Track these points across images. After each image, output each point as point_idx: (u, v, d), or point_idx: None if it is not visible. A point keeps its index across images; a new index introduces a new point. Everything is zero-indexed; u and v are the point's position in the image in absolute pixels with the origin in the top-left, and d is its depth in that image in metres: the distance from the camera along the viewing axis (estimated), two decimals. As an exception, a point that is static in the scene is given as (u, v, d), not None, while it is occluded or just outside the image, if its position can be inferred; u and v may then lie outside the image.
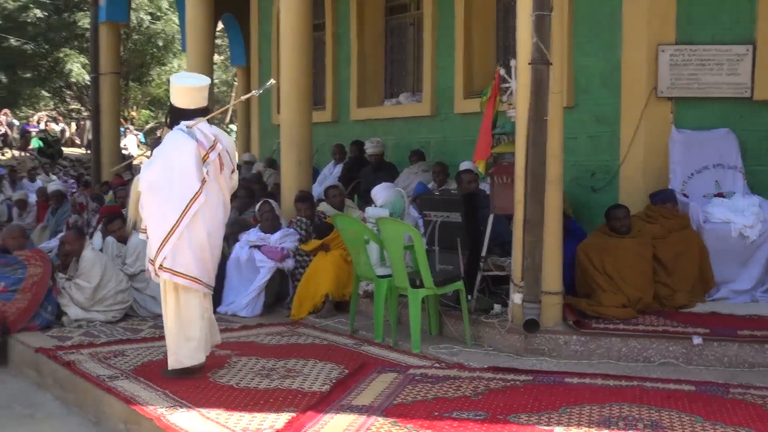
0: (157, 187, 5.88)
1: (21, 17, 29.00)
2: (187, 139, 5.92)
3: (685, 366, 6.31)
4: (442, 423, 4.91)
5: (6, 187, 20.36)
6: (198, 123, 5.99)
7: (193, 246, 5.90)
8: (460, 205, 7.45)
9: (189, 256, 5.89)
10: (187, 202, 5.82)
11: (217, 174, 6.02)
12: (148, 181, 5.92)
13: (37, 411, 6.14)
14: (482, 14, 10.77)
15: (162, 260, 5.85)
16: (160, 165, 5.93)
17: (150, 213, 5.95)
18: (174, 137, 6.01)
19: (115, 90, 16.33)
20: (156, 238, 5.88)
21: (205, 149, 5.92)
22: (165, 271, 5.87)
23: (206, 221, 5.96)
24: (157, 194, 5.89)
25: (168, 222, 5.82)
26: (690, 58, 8.20)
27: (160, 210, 5.87)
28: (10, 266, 7.84)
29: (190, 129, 5.95)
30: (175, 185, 5.85)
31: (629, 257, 7.16)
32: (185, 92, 6.11)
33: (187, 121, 5.99)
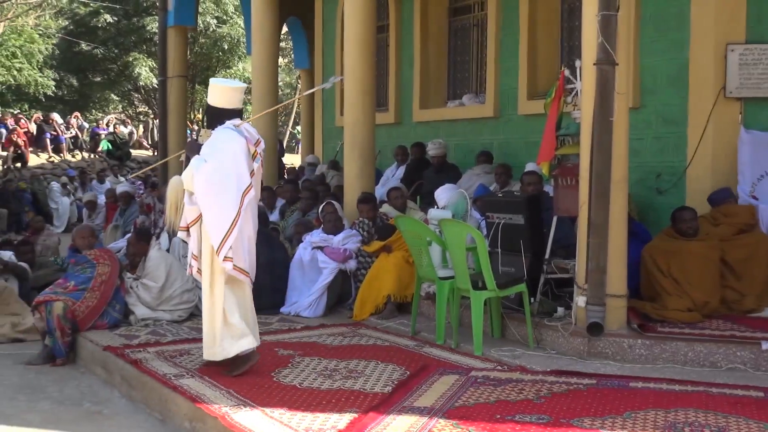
0: (213, 183, 5.99)
1: (92, 22, 29.58)
2: (237, 136, 6.13)
3: (753, 372, 6.19)
4: (504, 426, 4.89)
5: (76, 189, 20.83)
6: (243, 123, 6.27)
7: (244, 239, 6.06)
8: (522, 206, 7.41)
9: (241, 249, 6.03)
10: (241, 196, 6.00)
11: (259, 170, 6.28)
12: (204, 177, 6.00)
13: (105, 408, 6.26)
14: (547, 15, 10.70)
15: (227, 252, 5.94)
16: (216, 161, 6.03)
17: (208, 208, 6.01)
18: (224, 135, 6.16)
19: (182, 93, 16.56)
20: (217, 233, 5.95)
21: (253, 145, 6.17)
22: (228, 261, 5.97)
23: (253, 215, 6.17)
24: (214, 189, 5.99)
25: (229, 216, 5.94)
26: (760, 57, 8.04)
27: (219, 204, 5.98)
28: (80, 265, 8.00)
29: (238, 127, 6.19)
30: (231, 180, 6.01)
31: (696, 260, 7.04)
32: (229, 92, 6.31)
33: (234, 120, 6.23)
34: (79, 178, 21.62)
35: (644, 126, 8.77)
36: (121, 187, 14.76)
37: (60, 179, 21.34)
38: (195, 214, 6.07)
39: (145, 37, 29.67)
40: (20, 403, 6.30)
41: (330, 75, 14.78)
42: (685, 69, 8.41)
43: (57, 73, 30.01)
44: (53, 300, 7.52)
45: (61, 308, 7.48)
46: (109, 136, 26.20)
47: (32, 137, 24.37)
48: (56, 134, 24.85)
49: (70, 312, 7.53)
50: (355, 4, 9.74)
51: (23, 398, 6.44)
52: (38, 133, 24.63)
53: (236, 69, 32.35)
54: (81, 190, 20.56)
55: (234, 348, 6.06)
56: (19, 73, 26.71)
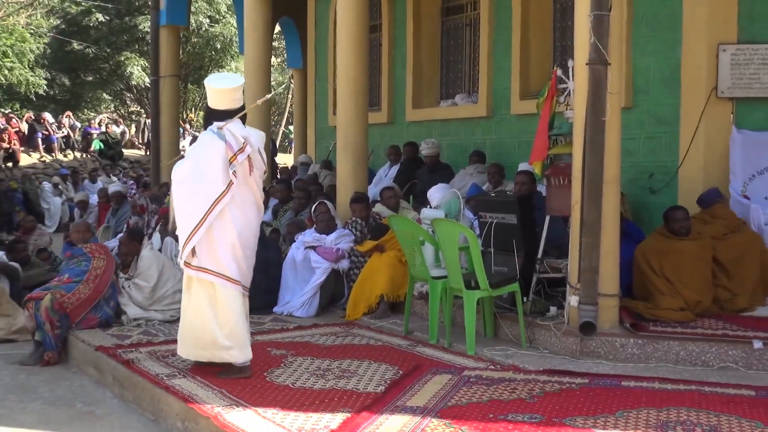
0: (184, 185, 5.99)
1: (83, 21, 29.54)
2: (216, 140, 5.99)
3: (745, 371, 6.20)
4: (496, 425, 4.89)
5: (68, 189, 20.77)
6: (227, 124, 6.02)
7: (224, 245, 5.96)
8: (515, 206, 7.42)
9: (219, 255, 5.95)
10: (212, 202, 5.88)
11: (246, 175, 6.04)
12: (177, 178, 6.05)
13: (97, 408, 6.24)
14: (539, 15, 10.71)
15: (186, 256, 5.96)
16: (190, 164, 6.04)
17: (177, 210, 6.08)
18: (205, 138, 6.11)
19: (175, 92, 16.55)
20: (182, 236, 5.99)
21: (233, 151, 5.94)
22: (191, 268, 5.97)
23: (236, 221, 6.00)
24: (184, 192, 5.99)
25: (193, 219, 5.90)
26: (752, 57, 8.06)
27: (186, 207, 5.98)
28: (76, 258, 8.01)
29: (220, 130, 6.02)
30: (202, 184, 5.93)
31: (688, 260, 7.06)
32: (218, 94, 6.14)
33: (219, 122, 6.07)
34: (71, 178, 21.56)
35: (637, 126, 8.79)
36: (113, 186, 14.74)
37: (52, 179, 21.28)
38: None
39: (137, 37, 29.62)
40: (12, 404, 6.28)
41: (323, 74, 14.81)
42: (678, 69, 8.42)
43: (49, 72, 29.93)
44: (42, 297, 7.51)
45: (49, 300, 7.48)
46: (101, 136, 26.14)
47: (24, 137, 24.30)
48: (48, 134, 24.78)
49: (58, 303, 7.52)
50: (347, 4, 9.73)
51: (15, 399, 6.42)
52: (30, 132, 24.56)
53: (229, 68, 32.30)
54: (73, 190, 20.50)
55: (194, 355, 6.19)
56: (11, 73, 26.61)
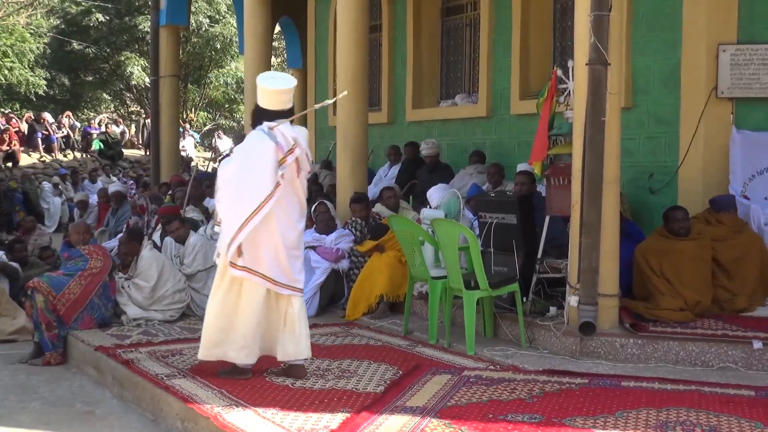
0: (232, 185, 5.90)
1: (83, 21, 29.54)
2: (267, 140, 5.87)
3: (744, 371, 6.20)
4: (496, 425, 4.89)
5: (68, 188, 20.77)
6: (279, 125, 5.92)
7: (268, 247, 5.88)
8: (515, 206, 7.42)
9: (262, 255, 5.87)
10: (259, 203, 5.78)
11: (293, 177, 5.95)
12: (223, 177, 5.96)
13: (97, 408, 6.25)
14: (539, 15, 10.71)
15: (231, 256, 5.84)
16: (238, 163, 5.94)
17: (222, 209, 6.00)
18: (254, 137, 5.96)
19: (175, 92, 16.54)
20: (227, 234, 5.88)
21: (284, 152, 5.85)
22: (236, 268, 5.86)
23: (280, 223, 5.90)
24: (231, 191, 5.91)
25: (239, 219, 5.80)
26: (751, 57, 8.06)
27: (233, 207, 5.88)
28: (73, 259, 8.00)
29: (271, 131, 5.90)
30: (249, 184, 5.83)
31: (688, 260, 7.06)
32: (271, 94, 6.02)
33: (270, 122, 5.94)
34: (70, 178, 21.56)
35: (636, 126, 8.79)
36: (113, 186, 14.73)
37: (52, 179, 21.29)
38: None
39: (137, 37, 29.63)
40: (12, 404, 6.29)
41: (323, 74, 14.81)
42: (677, 69, 8.42)
43: (48, 72, 29.94)
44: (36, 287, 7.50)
45: (42, 301, 7.49)
46: (101, 136, 26.14)
47: (24, 137, 24.30)
48: (48, 134, 24.78)
49: (51, 304, 7.52)
50: (347, 4, 9.73)
51: (14, 398, 6.43)
52: (30, 132, 24.56)
53: (229, 68, 32.34)
54: (73, 190, 20.49)
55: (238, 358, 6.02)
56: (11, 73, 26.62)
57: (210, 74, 32.55)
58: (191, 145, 28.88)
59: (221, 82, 32.90)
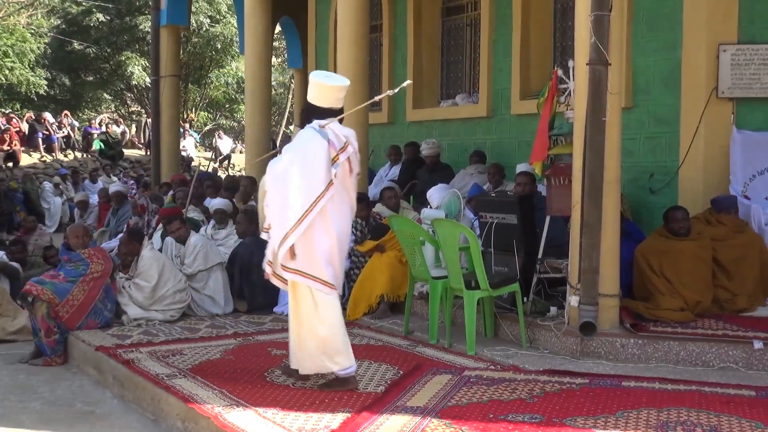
0: (282, 184, 5.65)
1: (84, 21, 29.55)
2: (319, 138, 5.66)
3: (745, 371, 6.20)
4: (497, 425, 4.89)
5: (68, 188, 20.78)
6: (331, 122, 5.75)
7: (322, 248, 5.66)
8: (515, 206, 7.42)
9: (317, 257, 5.65)
10: (311, 202, 5.55)
11: (345, 176, 5.76)
12: (274, 176, 5.72)
13: (97, 408, 6.25)
14: (539, 15, 10.71)
15: (283, 259, 5.62)
16: (288, 161, 5.69)
17: (272, 210, 5.73)
18: (306, 135, 5.74)
19: (175, 92, 16.54)
20: (277, 235, 5.64)
21: (336, 150, 5.66)
22: (289, 271, 5.66)
23: (334, 222, 5.70)
24: (281, 191, 5.65)
25: (290, 220, 5.56)
26: (752, 57, 8.06)
27: (282, 207, 5.64)
28: (74, 263, 7.98)
29: (323, 128, 5.71)
30: (301, 183, 5.59)
31: (688, 260, 7.06)
32: (328, 90, 5.83)
33: (320, 120, 5.75)
34: (71, 178, 21.56)
35: (637, 126, 8.79)
36: (113, 186, 14.72)
37: (52, 179, 21.29)
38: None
39: (137, 36, 29.64)
40: (12, 404, 6.29)
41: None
42: (678, 69, 8.42)
43: (49, 72, 29.95)
44: (38, 296, 7.49)
45: (45, 309, 7.48)
46: (102, 136, 26.14)
47: (24, 137, 24.29)
48: (48, 134, 24.78)
49: (54, 312, 7.51)
50: (348, 4, 9.73)
51: (15, 399, 6.43)
52: (30, 132, 24.55)
53: (229, 68, 32.34)
54: (73, 190, 20.49)
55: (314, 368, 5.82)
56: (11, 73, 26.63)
57: (210, 74, 32.57)
58: (192, 145, 28.87)
59: (222, 82, 32.92)
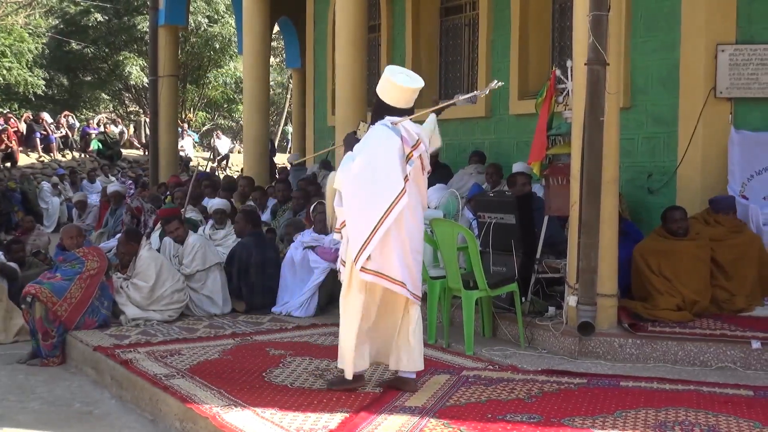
0: (359, 183, 5.46)
1: (82, 21, 29.52)
2: (393, 135, 5.52)
3: (743, 371, 6.21)
4: (495, 425, 4.89)
5: (67, 188, 20.77)
6: (404, 120, 5.61)
7: (398, 249, 5.48)
8: (514, 206, 7.42)
9: (394, 258, 5.47)
10: (391, 201, 5.38)
11: (418, 174, 5.62)
12: (350, 176, 5.49)
13: (96, 408, 6.24)
14: (538, 15, 10.71)
15: (365, 261, 5.42)
16: (364, 160, 5.49)
17: (351, 211, 5.53)
18: (379, 132, 5.58)
19: (173, 92, 16.55)
20: (357, 238, 5.45)
21: (410, 147, 5.52)
22: (368, 272, 5.44)
23: (408, 223, 5.53)
24: (359, 191, 5.47)
25: (371, 221, 5.39)
26: (750, 57, 8.06)
27: (362, 208, 5.46)
28: (69, 263, 7.97)
29: (395, 125, 5.57)
30: (379, 182, 5.43)
31: (686, 260, 7.06)
32: (403, 91, 5.65)
33: (393, 117, 5.61)
34: (69, 178, 21.55)
35: (635, 126, 8.79)
36: (111, 186, 14.71)
37: (50, 179, 21.28)
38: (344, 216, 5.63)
39: (135, 36, 29.62)
40: (10, 404, 6.28)
41: (322, 74, 14.78)
42: (676, 69, 8.42)
43: (47, 72, 29.93)
44: (36, 295, 7.49)
45: (43, 310, 7.47)
46: (100, 136, 26.11)
47: (22, 137, 24.26)
48: (46, 134, 24.75)
49: (53, 313, 7.50)
50: (346, 4, 9.73)
51: (13, 399, 6.42)
52: (28, 132, 24.51)
53: (228, 68, 32.32)
54: (71, 190, 20.48)
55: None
56: (9, 73, 26.61)
57: (209, 74, 32.54)
58: (190, 145, 28.85)
59: (220, 82, 32.89)
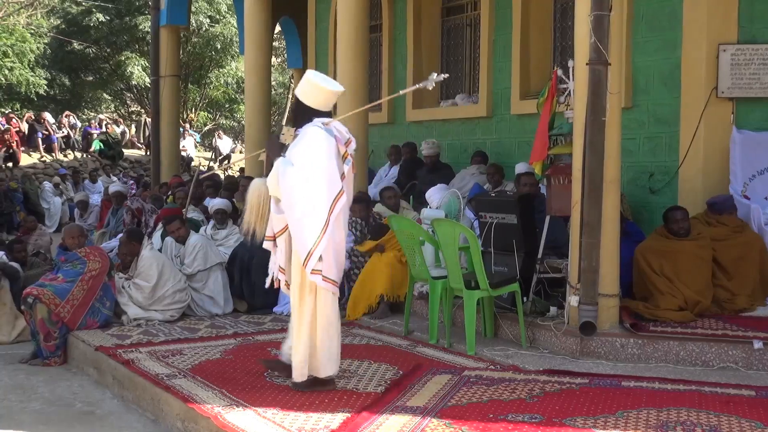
0: (301, 188, 5.43)
1: (84, 21, 29.51)
2: (328, 136, 5.56)
3: (745, 371, 6.21)
4: (496, 425, 4.89)
5: (68, 188, 20.78)
6: (333, 122, 5.70)
7: (335, 248, 5.58)
8: (515, 206, 7.42)
9: (331, 259, 5.55)
10: (332, 201, 5.46)
11: (350, 172, 5.71)
12: (292, 180, 5.44)
13: (97, 408, 6.25)
14: (539, 15, 10.71)
15: (315, 263, 5.44)
16: (305, 162, 5.47)
17: (295, 216, 5.48)
18: (314, 134, 5.55)
19: (175, 92, 16.54)
20: (304, 243, 5.44)
21: (344, 146, 5.61)
22: (317, 274, 5.48)
23: (342, 222, 5.66)
24: (302, 194, 5.43)
25: (318, 224, 5.41)
26: (752, 57, 8.06)
27: (307, 211, 5.43)
28: (71, 263, 7.98)
29: (327, 126, 5.62)
30: (320, 183, 5.45)
31: (688, 260, 7.06)
32: (328, 95, 5.73)
33: (319, 119, 5.64)
34: (71, 178, 21.56)
35: (637, 126, 8.79)
36: (113, 186, 14.71)
37: (52, 179, 21.29)
38: (283, 223, 5.58)
39: (137, 37, 29.60)
40: (12, 404, 6.30)
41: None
42: (678, 69, 8.42)
43: (49, 72, 29.89)
44: (38, 297, 7.49)
45: (45, 312, 7.48)
46: (102, 136, 26.13)
47: (24, 137, 24.28)
48: (48, 134, 24.77)
49: (55, 315, 7.51)
50: (348, 4, 9.72)
51: (15, 399, 6.43)
52: (30, 132, 24.53)
53: (229, 68, 32.31)
54: (73, 190, 20.49)
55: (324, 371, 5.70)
56: (11, 73, 26.59)
57: (210, 74, 32.52)
58: (191, 145, 28.87)
59: (221, 82, 32.89)
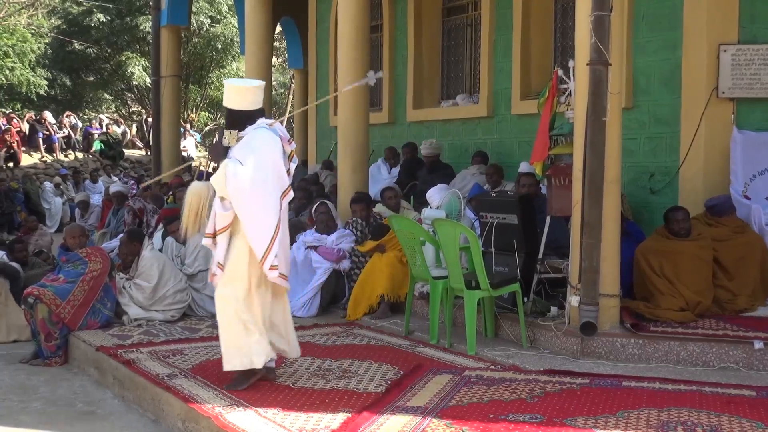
0: (254, 187, 5.55)
1: (85, 21, 29.53)
2: (274, 135, 5.75)
3: (745, 371, 6.21)
4: (497, 425, 4.89)
5: (69, 189, 20.79)
6: (276, 123, 5.90)
7: (283, 244, 5.79)
8: (516, 206, 7.42)
9: (282, 254, 5.74)
10: (280, 199, 5.69)
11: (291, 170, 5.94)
12: (245, 180, 5.53)
13: (98, 408, 6.25)
14: (540, 15, 10.71)
15: (273, 260, 5.60)
16: (255, 164, 5.57)
17: (248, 214, 5.59)
18: (262, 135, 5.72)
19: (176, 92, 16.57)
20: (261, 240, 5.58)
21: (288, 145, 5.82)
22: (274, 270, 5.64)
23: (287, 217, 5.90)
24: (254, 194, 5.56)
25: (272, 222, 5.60)
26: (753, 57, 8.05)
27: (260, 210, 5.59)
28: (72, 263, 7.98)
29: (272, 126, 5.80)
30: (270, 182, 5.63)
31: (688, 260, 7.06)
32: (250, 92, 5.82)
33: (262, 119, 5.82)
34: (72, 178, 21.58)
35: (637, 126, 8.79)
36: (114, 186, 14.73)
37: (53, 179, 21.31)
38: (227, 220, 5.63)
39: (138, 37, 29.62)
40: (12, 404, 6.30)
41: (324, 74, 14.77)
42: (678, 69, 8.42)
43: (50, 72, 29.90)
44: (39, 297, 7.49)
45: (46, 312, 7.48)
46: (102, 136, 26.15)
47: (25, 137, 24.29)
48: (49, 134, 24.78)
49: (56, 315, 7.51)
50: (348, 4, 9.73)
51: (15, 399, 6.43)
52: (31, 132, 24.54)
53: (230, 68, 32.32)
54: (74, 190, 20.51)
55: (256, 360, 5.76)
56: (12, 73, 26.61)
57: (211, 74, 32.55)
58: (192, 145, 28.89)
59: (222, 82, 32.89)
